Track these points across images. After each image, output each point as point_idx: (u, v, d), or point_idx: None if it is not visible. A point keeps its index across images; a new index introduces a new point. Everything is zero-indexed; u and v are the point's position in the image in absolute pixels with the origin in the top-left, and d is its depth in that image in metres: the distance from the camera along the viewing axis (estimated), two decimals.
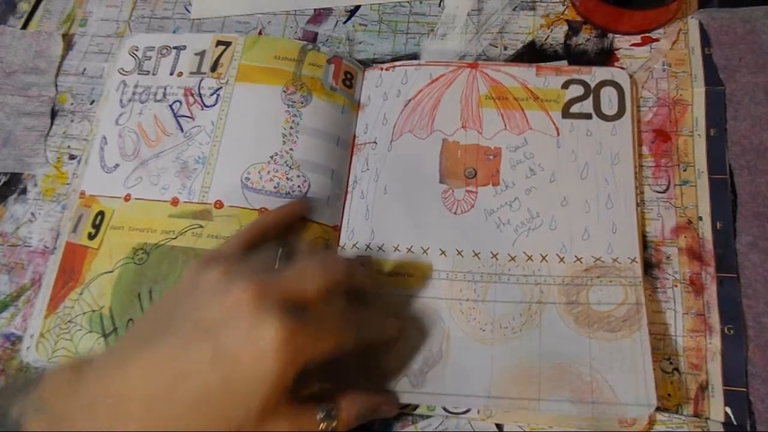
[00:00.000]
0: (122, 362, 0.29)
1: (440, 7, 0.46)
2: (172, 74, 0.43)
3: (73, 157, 0.44)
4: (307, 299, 0.30)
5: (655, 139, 0.40)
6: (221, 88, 0.42)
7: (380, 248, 0.38)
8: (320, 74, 0.42)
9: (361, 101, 0.43)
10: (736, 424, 0.34)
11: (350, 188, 0.41)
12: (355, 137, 0.42)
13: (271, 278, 0.30)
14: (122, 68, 0.44)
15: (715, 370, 0.35)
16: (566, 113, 0.41)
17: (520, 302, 0.36)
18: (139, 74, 0.44)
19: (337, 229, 0.40)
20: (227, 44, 0.43)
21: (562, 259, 0.37)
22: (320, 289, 0.31)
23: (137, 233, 0.39)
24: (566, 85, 0.41)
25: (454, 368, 0.35)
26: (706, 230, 0.38)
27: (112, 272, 0.39)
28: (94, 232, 0.40)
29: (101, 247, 0.39)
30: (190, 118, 0.42)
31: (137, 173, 0.41)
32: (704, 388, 0.35)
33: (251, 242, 0.36)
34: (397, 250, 0.38)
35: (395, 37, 0.46)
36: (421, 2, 0.47)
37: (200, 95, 0.42)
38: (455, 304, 0.37)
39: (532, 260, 0.37)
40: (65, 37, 0.48)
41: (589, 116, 0.40)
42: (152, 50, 0.44)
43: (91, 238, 0.40)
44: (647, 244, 0.38)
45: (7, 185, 0.44)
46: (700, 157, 0.39)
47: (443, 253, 0.38)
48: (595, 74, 0.41)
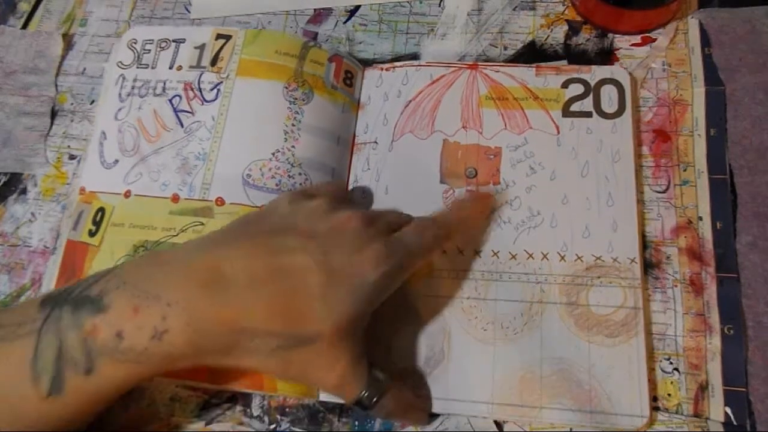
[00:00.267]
0: (218, 246, 0.30)
1: (440, 7, 0.46)
2: (171, 68, 0.43)
3: (73, 157, 0.44)
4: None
5: (655, 139, 0.40)
6: (221, 82, 0.41)
7: None
8: (322, 72, 0.42)
9: (361, 101, 0.43)
10: (736, 424, 0.34)
11: (351, 188, 0.41)
12: (354, 137, 0.42)
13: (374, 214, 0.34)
14: (121, 62, 0.44)
15: (715, 370, 0.35)
16: (566, 112, 0.41)
17: (521, 301, 0.36)
18: (138, 68, 0.43)
19: None
20: (227, 38, 0.42)
21: (563, 257, 0.37)
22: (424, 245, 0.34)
23: (138, 230, 0.39)
24: (566, 84, 0.41)
25: (456, 370, 0.35)
26: (706, 230, 0.38)
27: None
28: (94, 229, 0.39)
29: (102, 244, 0.39)
30: (190, 113, 0.41)
31: (137, 169, 0.40)
32: (704, 388, 0.35)
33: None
34: None
35: (395, 37, 0.46)
36: (421, 2, 0.47)
37: (200, 90, 0.41)
38: (456, 302, 0.37)
39: (533, 258, 0.37)
40: (65, 37, 0.48)
41: (589, 114, 0.40)
42: (151, 43, 0.44)
43: (91, 235, 0.39)
44: (647, 244, 0.38)
45: (7, 185, 0.44)
46: (700, 157, 0.39)
47: (444, 251, 0.38)
48: (594, 73, 0.41)
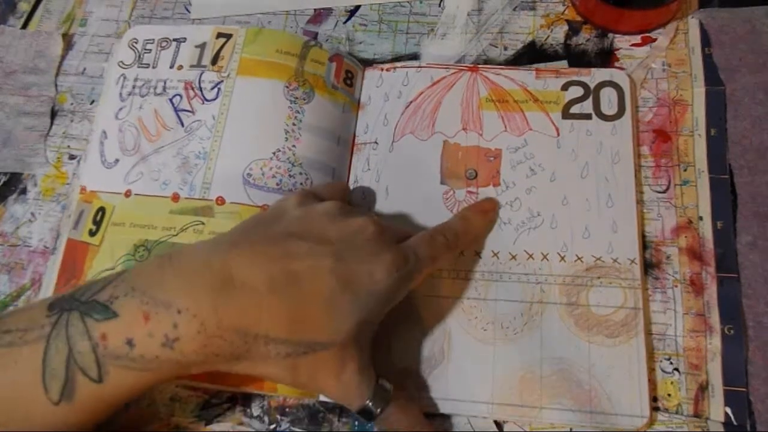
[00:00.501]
0: (229, 249, 0.29)
1: (440, 7, 0.46)
2: (172, 67, 0.42)
3: (73, 157, 0.44)
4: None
5: (655, 139, 0.40)
6: (222, 81, 0.41)
7: None
8: (322, 72, 0.42)
9: (361, 101, 0.43)
10: (736, 424, 0.34)
11: (351, 188, 0.41)
12: (355, 137, 0.42)
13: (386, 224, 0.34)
14: (122, 61, 0.44)
15: (715, 370, 0.35)
16: (566, 114, 0.41)
17: (521, 301, 0.36)
18: (138, 67, 0.43)
19: None
20: (228, 36, 0.42)
21: (563, 257, 0.37)
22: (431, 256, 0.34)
23: (138, 229, 0.39)
24: (566, 86, 0.41)
25: (456, 370, 0.35)
26: (706, 230, 0.38)
27: (113, 269, 0.38)
28: (95, 228, 0.39)
29: (102, 243, 0.39)
30: (190, 112, 0.41)
31: (138, 168, 0.40)
32: (704, 388, 0.35)
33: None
34: None
35: (395, 37, 0.46)
36: (421, 2, 0.47)
37: (201, 89, 0.41)
38: (456, 302, 0.37)
39: (533, 259, 0.37)
40: (65, 37, 0.48)
41: (588, 116, 0.40)
42: (152, 42, 0.43)
43: (92, 234, 0.39)
44: (647, 244, 0.38)
45: (7, 185, 0.44)
46: (700, 156, 0.39)
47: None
48: (594, 75, 0.41)
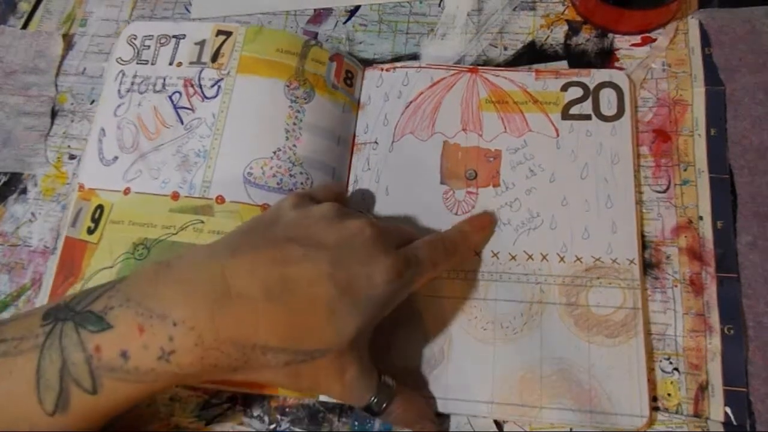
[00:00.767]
0: (224, 257, 0.29)
1: (440, 7, 0.46)
2: (171, 64, 0.42)
3: (73, 157, 0.44)
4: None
5: (655, 139, 0.40)
6: (222, 79, 0.41)
7: None
8: (323, 71, 0.42)
9: (361, 101, 0.43)
10: (736, 424, 0.34)
11: (351, 188, 0.41)
12: (354, 137, 0.42)
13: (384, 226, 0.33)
14: (120, 57, 0.43)
15: (715, 370, 0.35)
16: (566, 115, 0.41)
17: (521, 301, 0.36)
18: (137, 64, 0.43)
19: None
20: (228, 34, 0.42)
21: (562, 258, 0.37)
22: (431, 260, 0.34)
23: (137, 228, 0.39)
24: (565, 87, 0.41)
25: (456, 369, 0.35)
26: (706, 230, 0.38)
27: (112, 268, 0.38)
28: (93, 226, 0.39)
29: (101, 241, 0.39)
30: (190, 110, 0.41)
31: (137, 166, 0.40)
32: (704, 388, 0.35)
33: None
34: None
35: (395, 37, 0.46)
36: (421, 2, 0.47)
37: (200, 86, 0.41)
38: (456, 302, 0.37)
39: (532, 259, 0.37)
40: (65, 37, 0.48)
41: (588, 117, 0.40)
42: (151, 39, 0.43)
43: (90, 232, 0.39)
44: (647, 244, 0.38)
45: (7, 185, 0.44)
46: (700, 156, 0.39)
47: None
48: (593, 76, 0.41)
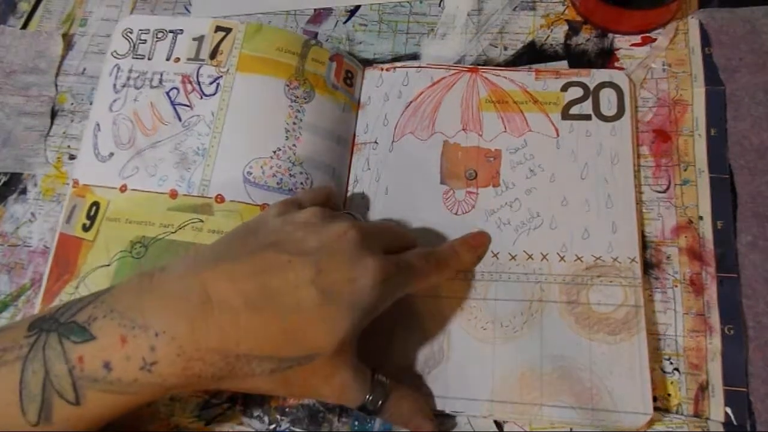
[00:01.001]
0: (206, 268, 0.29)
1: (440, 7, 0.46)
2: (168, 59, 0.41)
3: (73, 157, 0.44)
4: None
5: (655, 139, 0.40)
6: (221, 77, 0.40)
7: None
8: (323, 71, 0.41)
9: (361, 101, 0.43)
10: (736, 424, 0.34)
11: (351, 188, 0.41)
12: (354, 136, 0.42)
13: (369, 226, 0.33)
14: (116, 51, 0.42)
15: (715, 370, 0.35)
16: (566, 115, 0.41)
17: (521, 300, 0.36)
18: (133, 58, 0.42)
19: None
20: (227, 30, 0.41)
21: (562, 258, 0.37)
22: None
23: (135, 226, 0.38)
24: (565, 87, 0.41)
25: (456, 369, 0.35)
26: (706, 230, 0.38)
27: (108, 266, 0.38)
28: (88, 223, 0.39)
29: (97, 239, 0.38)
30: (188, 106, 0.40)
31: (133, 163, 0.40)
32: (704, 388, 0.35)
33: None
34: None
35: (395, 37, 0.46)
36: (421, 2, 0.47)
37: (199, 83, 0.41)
38: (456, 302, 0.37)
39: (532, 259, 0.37)
40: (65, 37, 0.48)
41: (588, 117, 0.40)
42: (147, 33, 0.42)
43: (85, 229, 0.39)
44: (647, 244, 0.38)
45: (7, 185, 0.44)
46: (700, 156, 0.39)
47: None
48: (593, 76, 0.41)
